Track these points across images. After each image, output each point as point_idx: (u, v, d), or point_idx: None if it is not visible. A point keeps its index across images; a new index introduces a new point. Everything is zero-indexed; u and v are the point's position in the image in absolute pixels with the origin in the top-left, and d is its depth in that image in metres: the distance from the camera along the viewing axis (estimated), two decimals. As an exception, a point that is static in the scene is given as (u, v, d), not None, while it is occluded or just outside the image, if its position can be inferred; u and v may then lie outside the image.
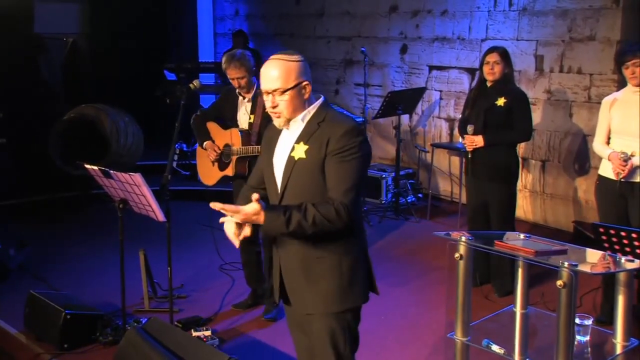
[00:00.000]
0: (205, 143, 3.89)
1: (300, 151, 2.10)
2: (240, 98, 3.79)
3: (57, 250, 5.05)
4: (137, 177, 3.11)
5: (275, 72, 2.07)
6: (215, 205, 1.96)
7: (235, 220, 2.05)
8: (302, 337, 2.30)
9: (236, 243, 2.13)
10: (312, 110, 2.15)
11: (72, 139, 6.41)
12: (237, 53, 3.71)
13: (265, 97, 2.13)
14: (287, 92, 2.08)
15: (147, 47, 8.07)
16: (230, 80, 3.72)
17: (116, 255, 3.42)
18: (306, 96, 2.13)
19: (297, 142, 2.12)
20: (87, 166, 3.40)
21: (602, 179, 3.64)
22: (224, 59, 3.72)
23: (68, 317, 3.42)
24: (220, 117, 3.92)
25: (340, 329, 2.16)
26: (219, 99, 4.01)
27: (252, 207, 1.98)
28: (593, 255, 2.39)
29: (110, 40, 7.90)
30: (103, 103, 6.74)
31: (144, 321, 3.39)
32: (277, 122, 2.15)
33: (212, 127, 3.94)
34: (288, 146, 2.16)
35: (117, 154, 6.48)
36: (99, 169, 3.33)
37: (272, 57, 2.13)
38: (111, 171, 3.27)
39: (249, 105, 3.76)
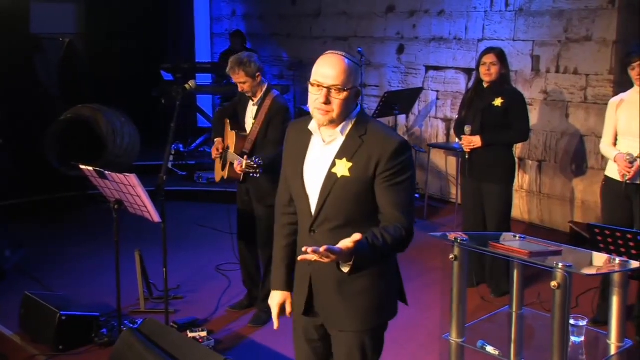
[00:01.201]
0: (216, 139, 3.89)
1: (343, 168, 1.97)
2: (250, 101, 3.74)
3: (53, 251, 5.04)
4: (132, 178, 3.10)
5: (339, 68, 1.94)
6: (307, 252, 1.78)
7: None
8: (308, 350, 2.21)
9: (277, 323, 2.17)
10: (352, 121, 2.01)
11: (68, 140, 6.39)
12: (243, 56, 3.64)
13: (315, 90, 1.96)
14: (345, 92, 1.94)
15: (144, 48, 8.06)
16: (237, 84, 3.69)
17: (112, 256, 3.42)
18: (356, 103, 2.02)
19: (339, 157, 1.99)
20: (82, 167, 3.40)
21: (608, 180, 3.64)
22: (229, 62, 3.67)
23: (63, 318, 3.42)
24: (236, 115, 3.88)
25: (372, 344, 2.10)
26: (237, 98, 3.96)
27: (349, 248, 1.80)
28: (588, 256, 2.39)
29: (107, 40, 7.88)
30: (99, 103, 6.72)
31: (139, 322, 3.39)
32: (320, 119, 1.98)
33: (226, 124, 3.90)
34: (325, 160, 2.02)
35: (114, 155, 6.47)
36: (94, 169, 3.32)
37: (333, 52, 2.01)
38: (106, 172, 3.26)
39: (254, 110, 3.70)
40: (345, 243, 1.79)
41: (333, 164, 2.00)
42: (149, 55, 8.06)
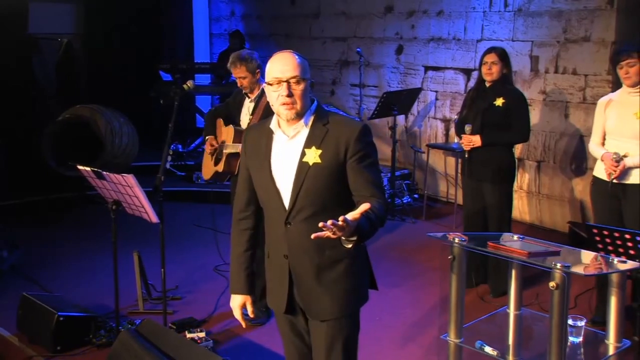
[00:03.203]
0: (207, 137, 3.98)
1: (314, 156, 2.06)
2: (246, 98, 3.86)
3: (51, 252, 5.04)
4: (130, 178, 3.10)
5: (293, 61, 2.06)
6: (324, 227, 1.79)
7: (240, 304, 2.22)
8: (299, 344, 2.27)
9: (243, 323, 2.27)
10: (313, 113, 2.12)
11: (66, 140, 6.39)
12: (243, 53, 3.77)
13: (275, 88, 2.06)
14: (303, 82, 2.06)
15: (142, 48, 8.06)
16: (236, 79, 3.79)
17: (110, 256, 3.42)
18: (310, 95, 2.12)
19: (307, 146, 2.07)
20: (80, 167, 3.39)
21: (596, 180, 3.64)
22: (230, 57, 3.78)
23: (61, 319, 3.41)
24: (229, 115, 4.00)
25: (352, 330, 2.18)
26: (230, 98, 4.08)
27: (357, 219, 1.84)
28: (586, 257, 2.39)
29: (105, 40, 7.89)
30: (98, 104, 6.72)
31: (137, 323, 3.39)
32: (287, 115, 2.06)
33: (219, 123, 4.01)
34: (292, 153, 2.09)
35: (112, 155, 6.47)
36: (92, 170, 3.32)
37: (281, 51, 2.13)
38: (104, 172, 3.26)
39: (251, 106, 3.82)
40: (354, 214, 1.83)
41: (303, 154, 2.08)
42: (147, 55, 8.06)
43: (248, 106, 3.84)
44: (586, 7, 5.19)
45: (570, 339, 2.30)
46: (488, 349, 2.32)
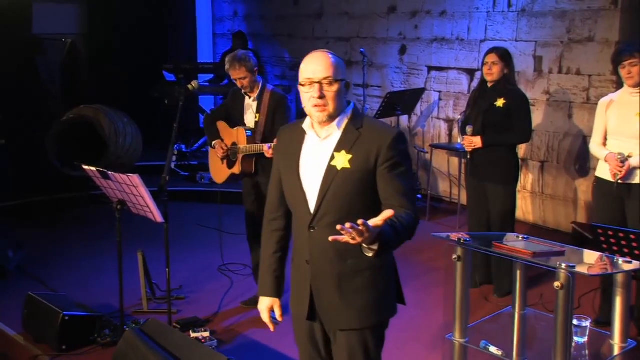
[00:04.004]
0: (214, 142, 3.97)
1: (343, 160, 1.99)
2: (247, 98, 3.86)
3: (56, 252, 5.05)
4: (135, 178, 3.11)
5: (326, 61, 1.99)
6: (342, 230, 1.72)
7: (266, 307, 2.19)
8: (313, 354, 2.21)
9: (271, 327, 2.21)
10: (347, 115, 2.04)
11: (70, 140, 6.41)
12: (239, 54, 3.78)
13: (307, 89, 2.00)
14: (337, 83, 1.99)
15: (145, 48, 8.08)
16: (234, 81, 3.79)
17: (114, 256, 3.43)
18: (346, 96, 2.05)
19: (338, 150, 2.01)
20: (85, 167, 3.41)
21: (599, 181, 3.64)
22: (226, 60, 3.79)
23: (66, 318, 3.43)
24: (228, 116, 3.99)
25: (374, 342, 2.10)
26: (227, 99, 4.08)
27: (379, 226, 1.77)
28: (591, 257, 2.40)
29: (108, 41, 7.90)
30: (101, 104, 6.74)
31: (142, 322, 3.40)
32: (318, 117, 2.01)
33: (222, 126, 4.01)
34: (322, 155, 2.03)
35: (116, 155, 6.48)
36: (97, 170, 3.33)
37: (316, 50, 2.06)
38: (109, 172, 3.27)
39: (254, 105, 3.83)
40: (376, 221, 1.76)
41: (332, 157, 2.02)
42: (151, 55, 8.08)
43: (251, 105, 3.85)
44: (590, 8, 5.19)
45: (575, 339, 2.30)
46: (493, 349, 2.32)
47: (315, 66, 2.00)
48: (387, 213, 1.77)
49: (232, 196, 5.50)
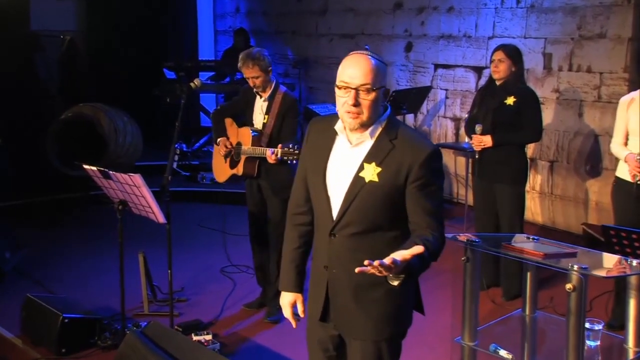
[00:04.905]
0: (219, 139, 3.92)
1: (372, 173, 1.93)
2: (258, 97, 3.81)
3: (55, 253, 5.07)
4: (137, 178, 3.12)
5: (366, 67, 1.90)
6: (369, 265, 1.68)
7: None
8: (322, 358, 2.20)
9: (294, 322, 2.19)
10: (382, 123, 1.97)
11: (69, 139, 6.43)
12: (253, 51, 3.72)
13: (342, 93, 1.93)
14: (374, 92, 1.91)
15: (146, 45, 8.09)
16: (247, 79, 3.75)
17: (115, 257, 3.43)
18: (384, 104, 1.98)
19: (368, 161, 1.95)
20: (86, 167, 3.42)
21: (619, 181, 3.63)
22: (240, 57, 3.73)
23: (66, 321, 3.43)
24: (237, 114, 3.95)
25: (389, 352, 2.08)
26: (238, 96, 4.03)
27: (406, 260, 1.73)
28: (603, 258, 2.40)
29: (108, 37, 7.92)
30: (101, 102, 6.75)
31: (143, 325, 3.40)
32: (351, 124, 1.94)
33: (229, 123, 3.97)
34: (352, 163, 1.97)
35: (116, 154, 6.50)
36: (98, 169, 3.34)
37: (358, 52, 1.97)
38: (110, 172, 3.28)
39: (264, 105, 3.77)
40: (404, 255, 1.73)
41: (361, 168, 1.95)
42: (151, 53, 8.09)
43: (261, 105, 3.79)
44: (602, 3, 5.18)
45: (588, 342, 2.30)
46: (503, 352, 2.32)
47: (353, 70, 1.91)
48: (418, 250, 1.74)
49: (234, 197, 5.51)
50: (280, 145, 3.51)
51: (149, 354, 2.70)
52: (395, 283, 1.78)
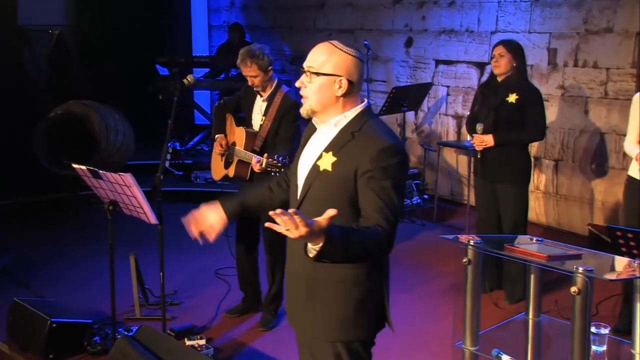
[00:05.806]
0: (217, 135, 3.88)
1: (327, 162, 1.98)
2: (258, 97, 3.74)
3: (43, 255, 5.05)
4: (128, 178, 3.11)
5: (318, 50, 1.99)
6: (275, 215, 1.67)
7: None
8: (308, 357, 2.19)
9: (210, 238, 2.26)
10: (349, 116, 2.00)
11: (59, 138, 6.41)
12: (254, 48, 3.63)
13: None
14: (318, 78, 1.96)
15: (138, 40, 8.07)
16: (246, 77, 3.69)
17: (105, 259, 3.42)
18: (338, 94, 1.97)
19: (326, 150, 1.99)
20: (75, 166, 3.40)
21: (630, 180, 3.63)
22: (239, 53, 3.65)
23: (54, 325, 3.42)
24: (237, 110, 3.91)
25: (349, 358, 2.04)
26: (240, 92, 3.97)
27: (321, 224, 1.71)
28: (609, 260, 2.39)
29: (98, 32, 7.90)
30: (91, 99, 6.74)
31: (134, 329, 3.40)
32: (302, 110, 2.04)
33: (229, 120, 3.93)
34: (316, 151, 2.04)
35: (107, 153, 6.48)
36: (88, 168, 3.33)
37: (330, 41, 2.05)
38: (100, 171, 3.27)
39: (263, 106, 3.71)
40: (319, 218, 1.71)
41: (319, 157, 2.02)
42: (143, 48, 8.07)
43: (260, 105, 3.73)
44: (608, -3, 5.18)
45: (593, 347, 2.30)
46: (505, 358, 2.32)
47: (310, 53, 2.01)
48: (331, 212, 1.71)
49: (229, 197, 5.49)
50: (266, 155, 3.43)
51: (140, 359, 2.70)
52: (311, 255, 1.77)
